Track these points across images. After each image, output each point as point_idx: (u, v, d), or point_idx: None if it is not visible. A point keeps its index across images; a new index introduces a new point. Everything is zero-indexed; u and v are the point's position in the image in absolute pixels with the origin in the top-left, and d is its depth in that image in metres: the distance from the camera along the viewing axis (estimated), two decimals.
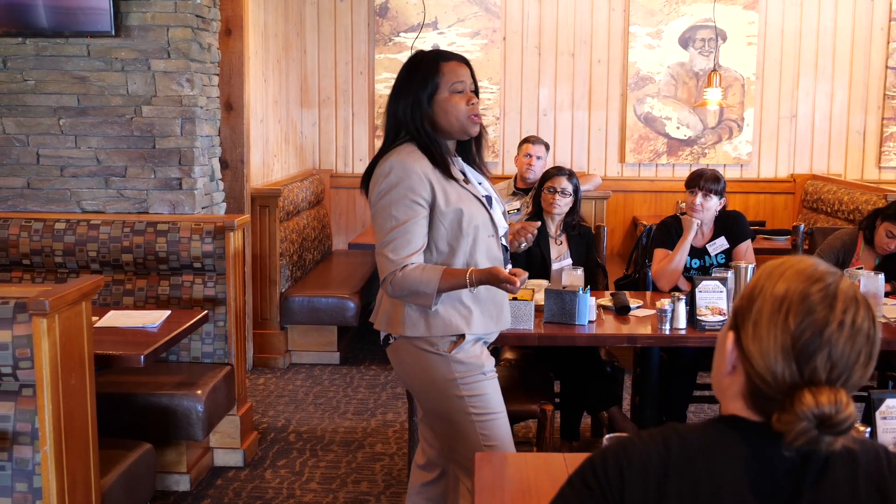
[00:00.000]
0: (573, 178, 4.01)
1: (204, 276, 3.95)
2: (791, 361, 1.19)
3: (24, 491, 2.45)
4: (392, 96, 2.52)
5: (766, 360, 1.20)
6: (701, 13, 6.53)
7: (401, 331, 2.45)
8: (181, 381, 3.65)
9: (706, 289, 3.27)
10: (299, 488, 3.75)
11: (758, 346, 1.22)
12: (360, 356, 5.74)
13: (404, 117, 2.46)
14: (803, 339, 1.19)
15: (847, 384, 1.20)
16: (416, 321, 2.43)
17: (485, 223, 2.47)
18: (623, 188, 6.64)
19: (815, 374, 1.19)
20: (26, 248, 3.98)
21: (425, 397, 2.56)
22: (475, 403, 2.46)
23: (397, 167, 2.38)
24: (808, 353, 1.19)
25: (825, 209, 6.05)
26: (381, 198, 2.40)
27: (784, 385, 1.20)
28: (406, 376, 2.58)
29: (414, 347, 2.47)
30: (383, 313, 2.52)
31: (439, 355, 2.44)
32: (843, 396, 1.16)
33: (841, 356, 1.19)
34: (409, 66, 2.52)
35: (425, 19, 6.57)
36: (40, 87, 4.20)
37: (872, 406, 2.06)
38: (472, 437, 2.46)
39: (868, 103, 6.64)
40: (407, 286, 2.35)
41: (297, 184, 5.92)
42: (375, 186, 2.42)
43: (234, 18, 4.92)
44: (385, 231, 2.38)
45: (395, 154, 2.42)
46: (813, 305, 1.20)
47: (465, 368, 2.45)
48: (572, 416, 3.94)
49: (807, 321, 1.19)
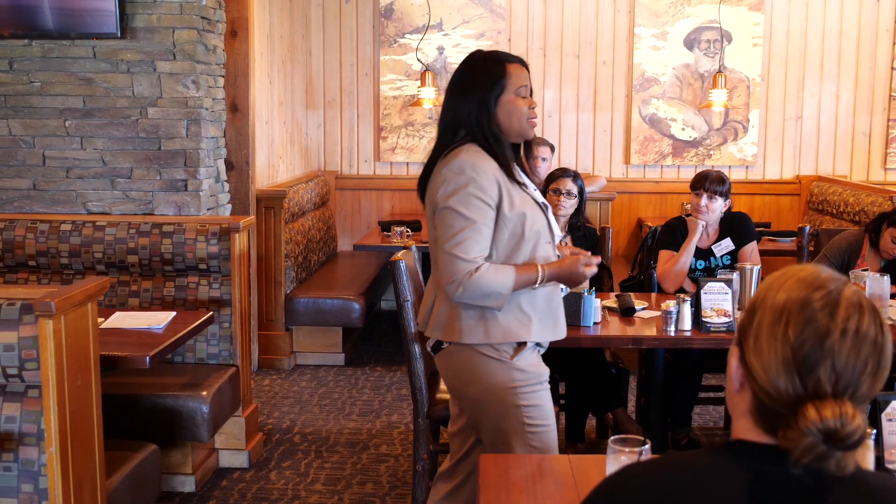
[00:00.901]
0: (578, 180, 4.01)
1: (209, 277, 3.95)
2: (793, 374, 1.15)
3: (29, 492, 2.46)
4: (454, 95, 2.44)
5: (769, 374, 1.16)
6: (706, 14, 6.52)
7: (458, 338, 2.38)
8: (186, 382, 3.66)
9: (711, 290, 3.26)
10: (304, 489, 3.75)
11: (759, 360, 1.18)
12: (365, 357, 5.75)
13: (468, 117, 2.40)
14: (804, 350, 1.15)
15: (855, 396, 1.15)
16: (473, 328, 2.37)
17: (544, 229, 2.45)
18: (628, 189, 6.64)
19: (819, 386, 1.14)
20: (32, 249, 3.99)
21: (478, 406, 2.48)
22: (531, 414, 2.42)
23: (468, 167, 2.32)
24: (810, 365, 1.14)
25: (831, 210, 6.04)
26: (450, 196, 2.33)
27: (789, 399, 1.15)
28: (459, 384, 2.50)
29: (473, 353, 2.40)
30: (436, 319, 2.44)
31: (501, 362, 2.40)
32: (849, 409, 1.11)
33: (845, 366, 1.14)
34: (472, 66, 2.45)
35: (430, 21, 6.57)
36: (46, 88, 4.21)
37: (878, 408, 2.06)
38: (523, 447, 2.42)
39: (874, 104, 6.63)
40: (482, 287, 2.30)
41: (302, 185, 5.92)
42: (444, 185, 2.34)
43: (239, 20, 4.93)
44: (455, 230, 2.31)
45: (463, 153, 2.36)
46: (813, 314, 1.16)
47: (525, 377, 2.42)
48: (577, 418, 3.94)
49: (807, 331, 1.15)
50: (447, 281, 2.32)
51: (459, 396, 2.55)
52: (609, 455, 1.74)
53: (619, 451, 1.72)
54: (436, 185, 2.38)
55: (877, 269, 3.80)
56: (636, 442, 1.73)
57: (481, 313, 2.37)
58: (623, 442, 1.74)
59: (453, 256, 2.30)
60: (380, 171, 6.80)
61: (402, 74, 6.65)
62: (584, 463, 2.07)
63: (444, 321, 2.42)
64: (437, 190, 2.37)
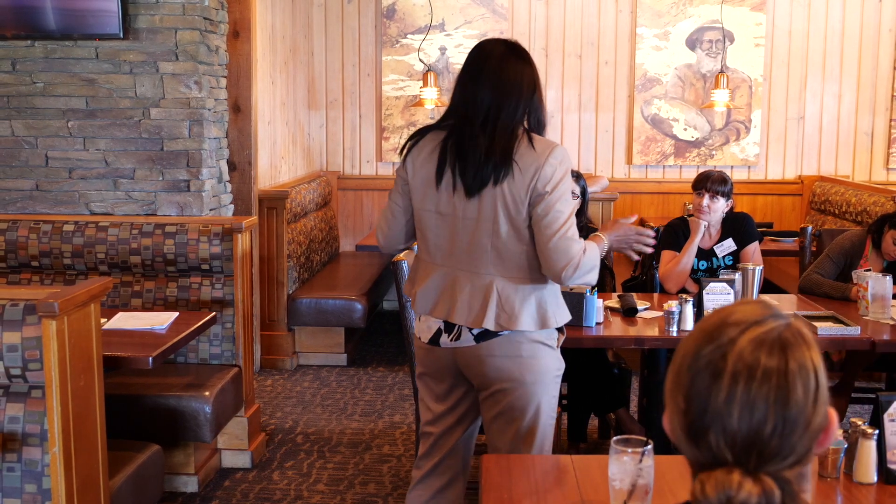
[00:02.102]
0: (580, 180, 4.01)
1: (212, 277, 3.96)
2: (689, 443, 1.07)
3: (33, 492, 2.46)
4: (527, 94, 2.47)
5: (678, 442, 1.09)
6: (708, 15, 6.52)
7: (518, 326, 2.43)
8: (189, 382, 3.66)
9: (714, 291, 3.27)
10: (307, 490, 3.75)
11: (669, 424, 1.11)
12: (367, 358, 5.75)
13: (536, 107, 2.48)
14: (690, 417, 1.05)
15: (764, 458, 1.02)
16: (532, 315, 2.44)
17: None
18: (630, 190, 6.64)
19: (718, 453, 1.03)
20: (35, 249, 4.00)
21: (523, 392, 2.50)
22: (554, 404, 2.55)
23: (565, 156, 2.42)
24: (699, 432, 1.04)
25: (833, 211, 6.04)
26: (559, 183, 2.38)
27: (698, 467, 1.07)
28: (515, 371, 2.48)
29: (532, 342, 2.47)
30: (492, 311, 2.43)
31: (551, 348, 2.51)
32: (735, 477, 1.00)
33: (738, 427, 1.02)
34: (525, 56, 2.52)
35: (432, 21, 6.58)
36: (49, 89, 4.22)
37: (880, 408, 2.06)
38: (539, 435, 2.50)
39: (876, 105, 6.62)
40: (589, 263, 2.41)
41: (304, 185, 5.93)
42: (552, 172, 2.37)
43: (241, 21, 4.94)
44: (565, 216, 2.38)
45: (557, 144, 2.45)
46: (698, 371, 1.06)
47: (561, 365, 2.56)
48: (580, 418, 3.94)
49: (692, 394, 1.05)
50: (565, 264, 2.37)
51: (507, 382, 2.51)
52: (611, 455, 1.75)
53: (621, 451, 1.73)
54: (541, 173, 2.36)
55: (879, 269, 3.80)
56: (639, 442, 1.73)
57: (538, 303, 2.45)
58: (626, 442, 1.74)
59: (571, 240, 2.38)
60: (382, 171, 6.80)
61: (405, 75, 6.66)
62: (586, 463, 2.07)
63: (501, 312, 2.43)
64: (541, 177, 2.36)
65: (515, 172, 2.37)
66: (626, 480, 1.72)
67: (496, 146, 2.38)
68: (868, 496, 1.97)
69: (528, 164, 2.37)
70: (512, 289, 2.44)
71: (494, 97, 2.41)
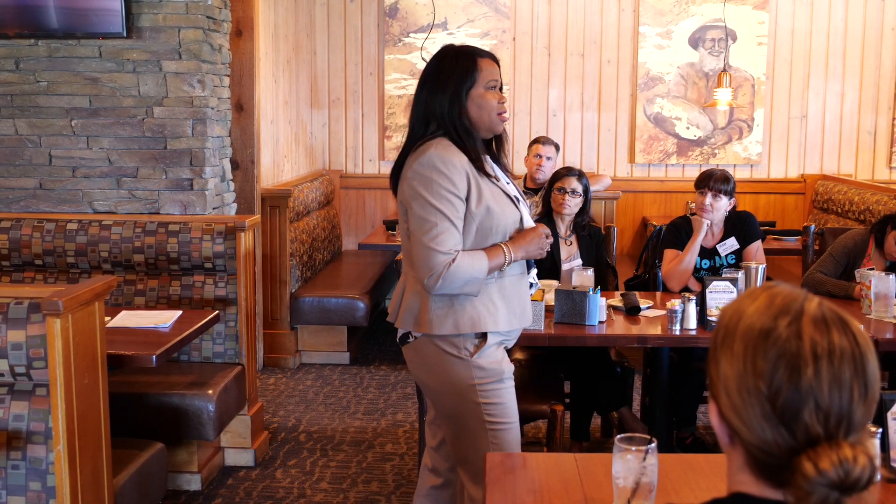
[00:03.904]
0: (583, 179, 4.01)
1: (215, 276, 3.96)
2: (778, 426, 1.05)
3: (37, 490, 2.47)
4: (425, 88, 2.47)
5: (754, 431, 1.06)
6: (711, 13, 6.52)
7: (427, 329, 2.41)
8: (192, 381, 3.67)
9: (716, 289, 3.27)
10: (310, 488, 3.76)
11: (737, 417, 1.08)
12: (369, 356, 5.75)
13: (440, 110, 2.43)
14: (781, 397, 1.04)
15: (851, 429, 1.04)
16: (443, 319, 2.40)
17: (515, 222, 2.47)
18: (633, 189, 6.64)
19: (809, 432, 1.04)
20: (39, 248, 4.00)
21: (441, 399, 2.52)
22: (491, 412, 2.44)
23: (438, 161, 2.35)
24: (791, 412, 1.04)
25: (836, 209, 6.03)
26: (422, 190, 2.35)
27: (782, 452, 1.05)
28: (424, 376, 2.54)
29: (436, 348, 2.44)
30: (406, 311, 2.47)
31: (461, 359, 2.42)
32: (848, 451, 1.01)
33: (830, 402, 1.04)
34: (443, 59, 2.48)
35: (435, 20, 6.58)
36: (52, 88, 4.22)
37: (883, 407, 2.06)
38: (483, 444, 2.44)
39: (879, 103, 6.62)
40: (461, 276, 2.33)
41: (307, 184, 5.93)
42: (415, 179, 2.37)
43: (244, 20, 4.94)
44: (430, 224, 2.33)
45: (433, 147, 2.38)
46: (779, 351, 1.05)
47: (485, 374, 2.44)
48: (582, 417, 3.94)
49: (777, 378, 1.05)
50: (426, 274, 2.34)
51: (425, 388, 2.60)
52: (615, 454, 1.75)
53: (625, 449, 1.73)
54: (408, 180, 2.40)
55: (882, 268, 3.80)
56: (642, 440, 1.74)
57: (450, 304, 2.40)
58: (629, 441, 1.74)
59: (431, 250, 2.33)
60: (384, 169, 6.80)
61: (407, 73, 6.66)
62: (589, 462, 2.07)
63: (416, 313, 2.44)
64: (409, 184, 2.39)
65: (404, 176, 2.43)
66: (630, 479, 1.72)
67: (401, 153, 2.51)
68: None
69: (407, 168, 2.43)
70: (415, 289, 2.45)
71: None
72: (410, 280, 2.47)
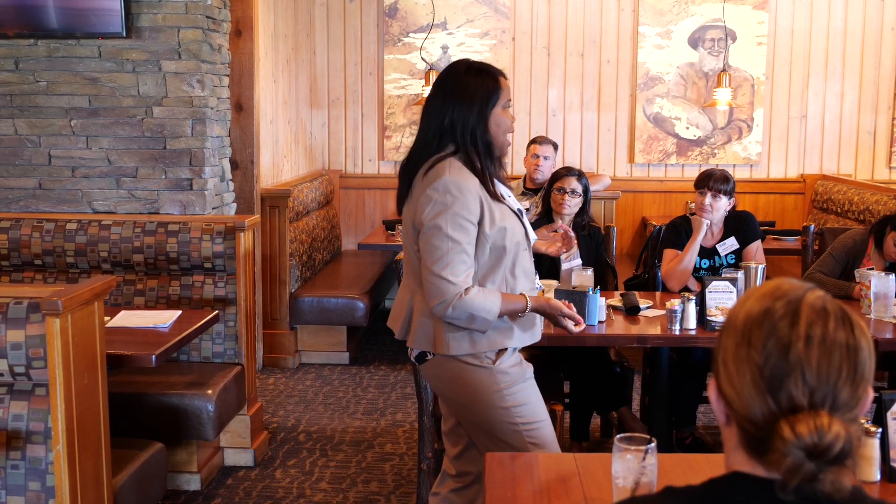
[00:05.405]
0: (582, 179, 4.01)
1: (214, 276, 3.96)
2: (764, 394, 1.09)
3: (37, 490, 2.47)
4: (448, 102, 2.43)
5: (743, 400, 1.11)
6: (710, 13, 6.52)
7: (445, 350, 2.42)
8: (192, 380, 3.67)
9: (716, 289, 3.27)
10: (309, 488, 3.76)
11: (732, 387, 1.13)
12: (369, 356, 5.75)
13: (463, 126, 2.41)
14: (769, 365, 1.09)
15: (836, 406, 1.08)
16: (460, 340, 2.41)
17: (522, 238, 2.49)
18: (632, 188, 6.64)
19: (792, 401, 1.08)
20: (38, 248, 4.00)
21: (468, 412, 2.51)
22: (520, 413, 2.46)
23: (453, 187, 2.34)
24: (778, 380, 1.08)
25: (835, 209, 6.03)
26: (435, 217, 2.34)
27: (766, 422, 1.09)
28: (448, 391, 2.54)
29: (457, 363, 2.44)
30: (420, 332, 2.46)
31: (483, 368, 2.44)
32: (824, 419, 1.05)
33: (818, 376, 1.08)
34: (465, 74, 2.45)
35: (434, 20, 6.58)
36: (52, 88, 4.22)
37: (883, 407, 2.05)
38: (520, 447, 2.45)
39: (878, 103, 6.62)
40: (469, 310, 2.33)
41: (306, 184, 5.93)
42: (429, 205, 2.35)
43: (244, 20, 4.94)
44: (441, 252, 2.32)
45: (447, 172, 2.36)
46: (773, 325, 1.10)
47: (509, 378, 2.46)
48: (582, 417, 3.94)
49: (769, 345, 1.10)
50: (436, 301, 2.34)
51: (450, 404, 2.60)
52: (615, 453, 1.75)
53: (624, 449, 1.73)
54: (420, 205, 2.38)
55: (881, 269, 3.80)
56: (642, 440, 1.74)
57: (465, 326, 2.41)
58: (629, 440, 1.74)
59: (442, 279, 2.32)
60: (384, 169, 6.80)
61: (406, 73, 6.66)
62: (589, 461, 2.07)
63: (430, 334, 2.45)
64: (421, 209, 2.38)
65: (415, 200, 2.42)
66: (630, 478, 1.72)
67: (408, 166, 2.50)
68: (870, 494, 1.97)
69: (418, 191, 2.41)
70: (425, 312, 2.44)
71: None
72: (419, 301, 2.46)
